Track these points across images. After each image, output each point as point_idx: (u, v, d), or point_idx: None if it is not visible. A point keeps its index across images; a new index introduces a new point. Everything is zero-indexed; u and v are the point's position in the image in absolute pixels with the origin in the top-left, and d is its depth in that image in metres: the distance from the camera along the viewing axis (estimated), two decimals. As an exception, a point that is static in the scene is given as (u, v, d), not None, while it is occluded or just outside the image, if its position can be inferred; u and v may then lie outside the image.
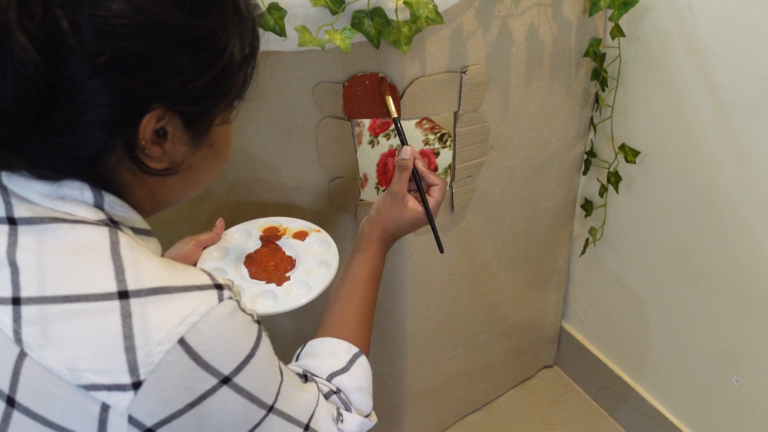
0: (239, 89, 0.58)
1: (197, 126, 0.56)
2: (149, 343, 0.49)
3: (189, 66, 0.51)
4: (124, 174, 0.54)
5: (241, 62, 0.56)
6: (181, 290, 0.52)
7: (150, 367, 0.49)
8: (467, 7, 0.95)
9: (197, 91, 0.53)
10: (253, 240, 0.95)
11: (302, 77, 0.96)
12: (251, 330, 0.56)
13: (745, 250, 1.06)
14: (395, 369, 1.29)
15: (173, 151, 0.55)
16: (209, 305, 0.52)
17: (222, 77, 0.54)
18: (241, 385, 0.54)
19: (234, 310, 0.54)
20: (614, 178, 1.21)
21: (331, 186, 1.07)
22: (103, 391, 0.49)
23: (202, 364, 0.51)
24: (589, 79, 1.18)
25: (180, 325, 0.50)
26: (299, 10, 0.87)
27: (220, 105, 0.57)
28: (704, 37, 0.99)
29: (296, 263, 0.92)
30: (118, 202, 0.55)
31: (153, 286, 0.51)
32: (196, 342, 0.51)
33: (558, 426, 1.48)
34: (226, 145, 0.63)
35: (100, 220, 0.54)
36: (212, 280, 0.55)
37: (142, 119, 0.50)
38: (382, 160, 1.37)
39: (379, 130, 1.39)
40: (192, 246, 0.91)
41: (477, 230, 1.22)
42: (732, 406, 1.18)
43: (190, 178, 0.60)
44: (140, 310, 0.50)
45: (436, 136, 1.31)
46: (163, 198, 0.60)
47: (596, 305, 1.45)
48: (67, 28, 0.45)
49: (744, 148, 0.99)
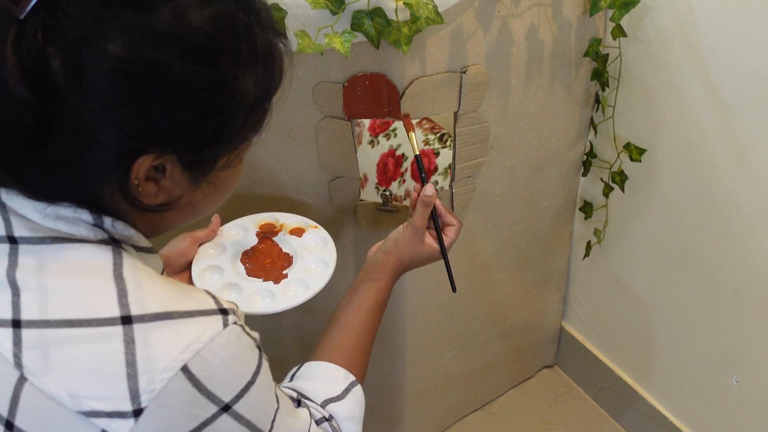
0: (247, 133, 0.55)
1: (197, 169, 0.54)
2: (152, 371, 0.48)
3: (192, 114, 0.49)
4: (120, 205, 0.53)
5: (252, 106, 0.53)
6: (186, 315, 0.51)
7: (152, 394, 0.48)
8: (467, 7, 0.95)
9: (198, 140, 0.51)
10: (250, 236, 0.94)
11: (302, 77, 0.96)
12: (253, 356, 0.55)
13: (745, 250, 1.06)
14: (395, 369, 1.29)
15: (170, 188, 0.53)
16: (214, 332, 0.51)
17: (227, 125, 0.52)
18: (240, 412, 0.53)
19: (238, 336, 0.53)
20: (619, 178, 1.21)
21: (331, 186, 1.07)
22: (104, 418, 0.48)
23: (203, 391, 0.50)
24: (590, 79, 1.18)
25: (184, 352, 0.49)
26: (299, 11, 0.87)
27: (222, 152, 0.54)
28: (704, 37, 0.99)
29: (293, 260, 0.91)
30: (117, 222, 0.54)
31: (157, 312, 0.50)
32: (200, 369, 0.50)
33: (558, 426, 1.48)
34: (231, 183, 0.60)
35: (102, 239, 0.53)
36: (217, 304, 0.54)
37: (135, 161, 0.49)
38: (382, 160, 1.37)
39: (379, 130, 1.39)
40: (188, 243, 0.90)
41: (477, 230, 1.22)
42: (732, 406, 1.18)
43: (189, 211, 0.58)
44: (143, 336, 0.49)
45: (436, 136, 1.31)
46: (164, 226, 0.59)
47: (596, 305, 1.45)
48: (57, 68, 0.44)
49: (744, 148, 0.99)
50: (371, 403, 1.38)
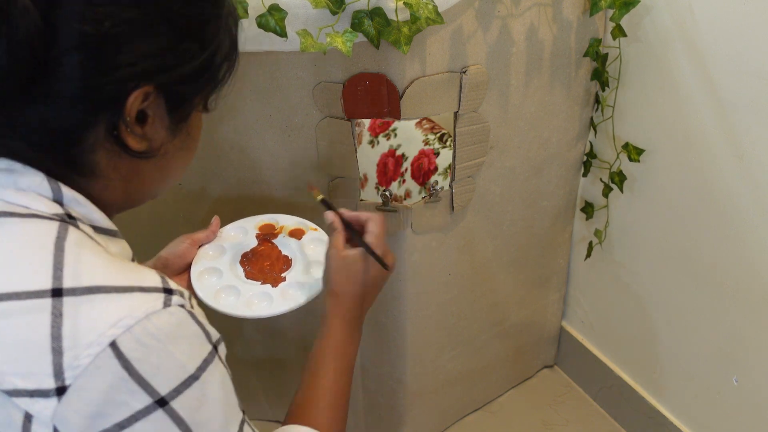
0: (221, 80, 0.59)
1: (179, 111, 0.56)
2: (77, 345, 0.45)
3: (179, 48, 0.52)
4: (100, 155, 0.53)
5: (226, 54, 0.58)
6: (121, 290, 0.48)
7: (76, 371, 0.45)
8: (467, 7, 0.95)
9: (184, 75, 0.53)
10: (250, 238, 0.94)
11: (302, 77, 0.96)
12: (200, 347, 0.51)
13: (745, 250, 1.06)
14: (395, 369, 1.29)
15: (153, 134, 0.54)
16: (150, 309, 0.48)
17: (210, 65, 0.55)
18: (178, 412, 0.48)
19: (182, 321, 0.49)
20: (618, 178, 1.21)
21: (331, 186, 1.07)
22: (26, 398, 0.45)
23: (134, 375, 0.46)
24: (589, 79, 1.18)
25: (113, 327, 0.46)
26: (299, 11, 0.87)
27: (202, 91, 0.57)
28: (704, 37, 0.99)
29: (292, 263, 0.91)
30: (79, 198, 0.53)
31: (90, 285, 0.47)
32: (130, 348, 0.46)
33: (558, 426, 1.48)
34: (198, 135, 0.63)
35: (56, 214, 0.51)
36: (163, 283, 0.51)
37: (130, 95, 0.50)
38: (382, 160, 1.38)
39: (379, 130, 1.39)
40: (187, 245, 0.89)
41: (477, 230, 1.22)
42: (732, 406, 1.18)
43: (163, 166, 0.59)
44: (73, 310, 0.46)
45: (436, 136, 1.31)
46: (135, 187, 0.58)
47: (596, 305, 1.45)
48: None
49: (744, 148, 0.99)
50: (371, 403, 1.38)
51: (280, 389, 1.42)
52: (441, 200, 1.11)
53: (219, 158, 1.09)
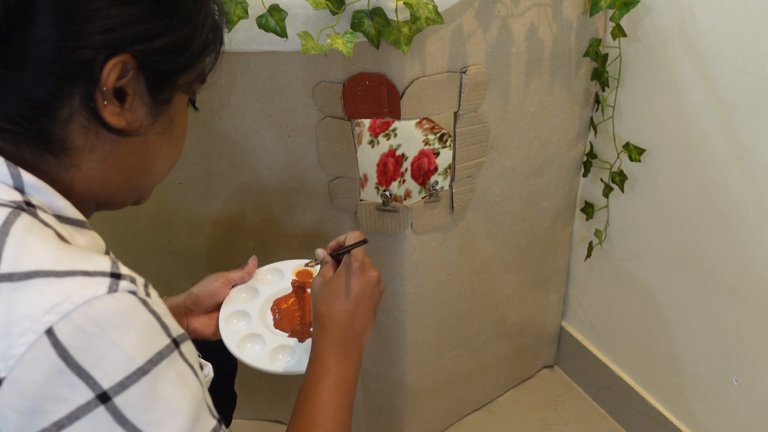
0: (204, 67, 0.58)
1: (160, 90, 0.54)
2: (10, 333, 0.42)
3: (159, 19, 0.51)
4: (75, 131, 0.50)
5: (206, 43, 0.56)
6: (63, 275, 0.44)
7: (11, 362, 0.41)
8: (467, 7, 0.95)
9: (163, 47, 0.52)
10: (285, 283, 0.91)
11: (302, 77, 0.96)
12: (154, 339, 0.46)
13: (745, 250, 1.06)
14: (395, 369, 1.29)
15: (132, 112, 0.52)
16: (92, 293, 0.43)
17: (190, 43, 0.54)
18: (122, 410, 0.43)
19: (131, 308, 0.45)
20: (619, 178, 1.21)
21: (331, 186, 1.07)
22: None
23: (73, 366, 0.42)
24: (589, 79, 1.18)
25: (49, 313, 0.42)
26: (299, 11, 0.87)
27: (184, 73, 0.56)
28: (704, 37, 0.99)
29: None
30: (40, 185, 0.49)
31: (29, 270, 0.43)
32: (68, 336, 0.42)
33: (558, 426, 1.48)
34: (183, 125, 0.60)
35: (13, 201, 0.47)
36: (112, 268, 0.46)
37: (107, 63, 0.49)
38: (382, 160, 1.38)
39: (379, 130, 1.39)
40: (221, 283, 0.87)
41: (477, 230, 1.22)
42: (732, 406, 1.18)
43: (143, 153, 0.56)
44: (8, 296, 0.42)
45: (436, 136, 1.31)
46: (112, 176, 0.55)
47: (596, 305, 1.45)
48: None
49: (744, 148, 0.99)
50: (371, 403, 1.38)
51: (280, 390, 1.42)
52: (441, 200, 1.11)
53: (219, 158, 1.09)
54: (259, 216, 1.14)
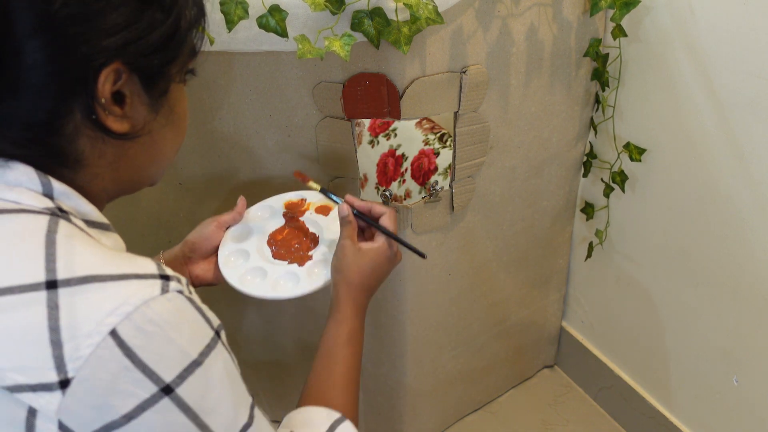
0: (191, 51, 0.58)
1: (155, 86, 0.55)
2: (77, 336, 0.45)
3: (140, 18, 0.50)
4: (83, 143, 0.52)
5: (191, 23, 0.56)
6: (117, 278, 0.47)
7: (78, 362, 0.44)
8: (467, 7, 0.95)
9: (150, 45, 0.52)
10: (276, 217, 0.93)
11: (302, 77, 0.96)
12: (201, 333, 0.50)
13: (745, 250, 1.06)
14: (395, 369, 1.29)
15: (133, 113, 0.53)
16: (148, 295, 0.47)
17: (176, 32, 0.54)
18: (184, 399, 0.48)
19: (181, 306, 0.49)
20: (619, 178, 1.21)
21: (331, 186, 1.07)
22: (28, 393, 0.45)
23: (138, 363, 0.46)
24: (590, 79, 1.18)
25: (111, 315, 0.45)
26: (299, 11, 0.87)
27: (173, 62, 0.56)
28: (704, 37, 0.99)
29: (319, 240, 0.89)
30: (67, 190, 0.52)
31: (85, 275, 0.46)
32: (131, 336, 0.46)
33: (558, 426, 1.48)
34: (184, 110, 0.61)
35: (47, 208, 0.50)
36: (159, 270, 0.50)
37: (99, 75, 0.49)
38: (382, 160, 1.37)
39: (379, 130, 1.39)
40: (214, 227, 0.89)
41: (477, 230, 1.22)
42: (732, 406, 1.18)
43: (151, 146, 0.57)
44: (69, 300, 0.45)
45: (436, 136, 1.31)
46: (125, 172, 0.57)
47: (596, 305, 1.45)
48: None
49: (744, 148, 0.99)
50: (371, 403, 1.38)
51: (280, 390, 1.42)
52: (441, 200, 1.11)
53: (219, 158, 1.09)
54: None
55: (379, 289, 1.11)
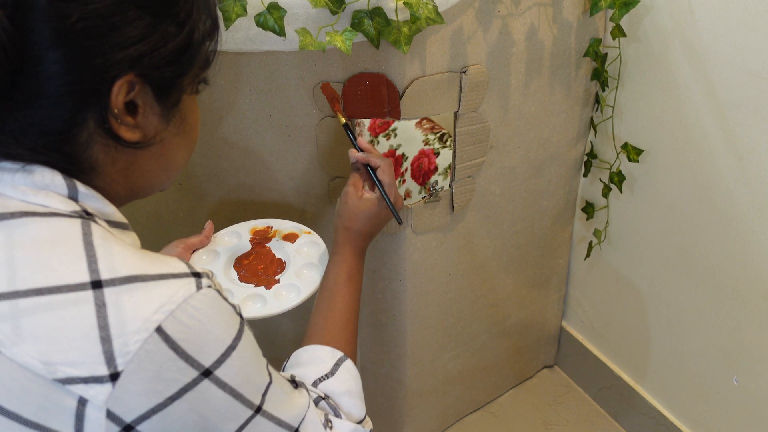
0: (203, 63, 0.59)
1: (167, 97, 0.56)
2: (125, 333, 0.48)
3: (154, 32, 0.52)
4: (96, 151, 0.54)
5: (204, 35, 0.57)
6: (157, 278, 0.51)
7: (127, 357, 0.48)
8: (467, 7, 0.95)
9: (164, 58, 0.53)
10: (243, 242, 0.95)
11: (302, 77, 0.96)
12: (232, 321, 0.55)
13: (745, 250, 1.06)
14: (395, 369, 1.29)
15: (145, 123, 0.55)
16: (187, 293, 0.51)
17: (189, 44, 0.55)
18: (223, 379, 0.53)
19: (214, 299, 0.53)
20: (617, 178, 1.21)
21: (331, 186, 1.07)
22: (80, 384, 0.48)
23: (181, 354, 0.50)
24: (589, 79, 1.18)
25: (157, 313, 0.49)
26: (299, 10, 0.87)
27: (186, 74, 0.57)
28: (704, 37, 0.99)
29: (286, 266, 0.92)
30: (91, 193, 0.54)
31: (127, 275, 0.50)
32: (175, 331, 0.50)
33: (558, 426, 1.48)
34: (195, 119, 0.63)
35: (74, 211, 0.53)
36: (190, 268, 0.54)
37: (113, 87, 0.51)
38: (382, 160, 1.37)
39: (379, 130, 1.39)
40: (181, 249, 0.90)
41: (477, 230, 1.22)
42: (732, 406, 1.18)
43: (162, 155, 0.59)
44: (115, 299, 0.49)
45: (436, 136, 1.31)
46: (137, 179, 0.59)
47: (596, 305, 1.45)
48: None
49: (744, 148, 0.99)
50: (371, 403, 1.38)
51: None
52: (441, 200, 1.11)
53: (219, 158, 1.09)
54: (259, 216, 1.14)
55: (379, 289, 1.12)
